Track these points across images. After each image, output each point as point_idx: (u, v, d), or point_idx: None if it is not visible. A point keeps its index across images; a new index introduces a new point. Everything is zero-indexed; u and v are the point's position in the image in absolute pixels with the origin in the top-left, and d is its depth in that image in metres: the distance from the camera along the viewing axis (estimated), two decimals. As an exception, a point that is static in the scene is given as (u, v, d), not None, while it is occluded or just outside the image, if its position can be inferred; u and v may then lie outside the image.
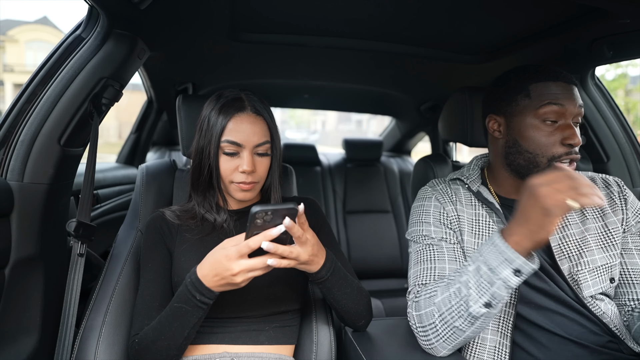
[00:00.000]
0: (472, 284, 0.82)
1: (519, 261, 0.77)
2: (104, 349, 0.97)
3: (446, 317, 0.86)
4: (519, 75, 0.99)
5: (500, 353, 0.93)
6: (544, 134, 0.93)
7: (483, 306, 0.82)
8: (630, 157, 1.49)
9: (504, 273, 0.79)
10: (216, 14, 1.17)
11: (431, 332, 0.89)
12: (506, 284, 0.79)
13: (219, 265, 0.78)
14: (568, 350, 0.91)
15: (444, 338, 0.88)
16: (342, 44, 1.42)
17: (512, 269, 0.78)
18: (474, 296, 0.82)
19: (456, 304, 0.85)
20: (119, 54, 1.08)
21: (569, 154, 0.92)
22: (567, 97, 0.93)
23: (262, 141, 0.96)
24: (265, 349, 0.97)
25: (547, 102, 0.93)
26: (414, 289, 0.97)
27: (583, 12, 1.06)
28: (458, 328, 0.85)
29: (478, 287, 0.82)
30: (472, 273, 0.83)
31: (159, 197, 1.19)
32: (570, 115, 0.93)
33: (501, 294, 0.80)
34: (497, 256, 0.80)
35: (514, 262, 0.78)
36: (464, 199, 1.05)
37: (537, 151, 0.94)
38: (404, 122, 2.88)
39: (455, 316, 0.85)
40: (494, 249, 0.81)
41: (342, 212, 2.68)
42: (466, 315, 0.83)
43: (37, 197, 0.99)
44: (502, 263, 0.79)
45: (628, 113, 11.82)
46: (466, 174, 1.10)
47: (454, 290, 0.86)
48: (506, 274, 0.78)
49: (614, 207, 1.02)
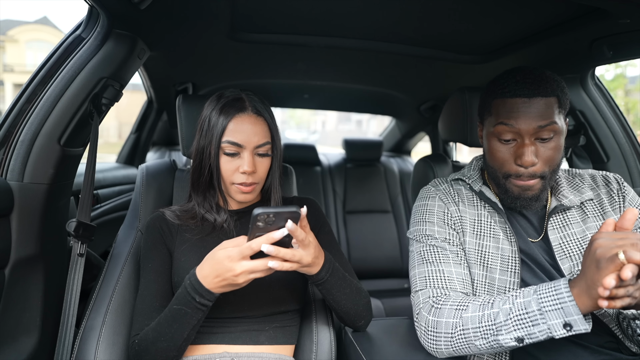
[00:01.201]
0: (514, 315, 0.79)
1: (576, 317, 0.73)
2: (104, 349, 0.97)
3: (469, 334, 0.85)
4: (488, 90, 1.01)
5: (501, 354, 0.93)
6: (498, 150, 0.96)
7: (514, 339, 0.79)
8: (630, 157, 1.49)
9: (553, 321, 0.75)
10: (216, 14, 1.17)
11: (444, 340, 0.88)
12: (550, 331, 0.76)
13: (221, 266, 0.78)
14: (568, 350, 0.91)
15: (455, 348, 0.87)
16: (342, 44, 1.42)
17: (564, 320, 0.74)
18: (509, 327, 0.79)
19: (486, 327, 0.83)
20: (119, 54, 1.08)
21: (519, 176, 0.93)
22: (522, 116, 0.91)
23: (262, 142, 0.96)
24: (265, 349, 0.97)
25: (499, 122, 0.94)
26: (429, 291, 0.95)
27: (583, 12, 1.06)
28: (476, 346, 0.84)
29: (518, 321, 0.79)
30: (519, 306, 0.80)
31: (159, 197, 1.19)
32: (525, 134, 0.91)
33: (539, 336, 0.77)
34: (554, 302, 0.75)
35: (571, 316, 0.73)
36: (467, 199, 1.06)
37: (495, 166, 0.98)
38: (404, 122, 2.88)
39: (479, 336, 0.83)
40: (554, 293, 0.76)
41: (342, 212, 2.68)
42: (491, 339, 0.82)
43: (37, 197, 0.99)
44: (556, 310, 0.75)
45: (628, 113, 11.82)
46: (467, 174, 1.10)
47: (491, 312, 0.83)
48: (555, 323, 0.75)
49: (614, 205, 1.02)
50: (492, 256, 0.97)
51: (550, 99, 0.92)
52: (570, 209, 1.01)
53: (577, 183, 1.05)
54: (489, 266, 0.97)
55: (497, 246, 0.98)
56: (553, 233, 0.98)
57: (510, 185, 0.96)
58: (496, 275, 0.96)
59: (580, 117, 1.48)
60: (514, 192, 0.96)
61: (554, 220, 1.00)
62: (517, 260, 0.95)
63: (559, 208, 1.00)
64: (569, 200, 1.01)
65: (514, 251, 0.96)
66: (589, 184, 1.06)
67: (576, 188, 1.04)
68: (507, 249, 0.97)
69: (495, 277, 0.96)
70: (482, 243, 0.99)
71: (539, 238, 1.00)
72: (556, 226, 0.99)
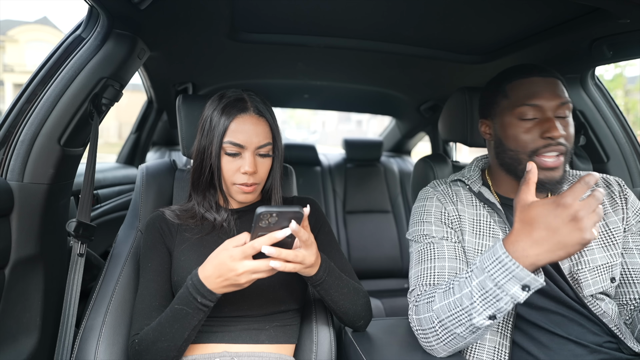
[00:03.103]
0: (477, 298, 0.80)
1: (529, 278, 0.75)
2: (104, 349, 0.97)
3: (446, 324, 0.85)
4: (496, 78, 1.04)
5: (500, 353, 0.93)
6: (522, 130, 0.96)
7: (487, 318, 0.80)
8: (630, 157, 1.49)
9: (512, 290, 0.76)
10: (216, 14, 1.17)
11: (432, 336, 0.89)
12: (514, 299, 0.77)
13: (223, 266, 0.78)
14: (567, 349, 0.91)
15: (444, 342, 0.87)
16: (342, 43, 1.42)
17: (520, 285, 0.76)
18: (478, 309, 0.80)
19: (457, 313, 0.83)
20: (119, 54, 1.08)
21: (548, 146, 0.93)
22: (543, 93, 0.94)
23: (264, 142, 0.96)
24: (265, 348, 0.97)
25: (522, 103, 0.95)
26: (416, 290, 0.97)
27: (583, 12, 1.06)
28: (459, 335, 0.85)
29: (483, 301, 0.79)
30: (477, 287, 0.81)
31: (159, 197, 1.19)
32: (548, 109, 0.94)
33: (507, 307, 0.78)
34: (504, 273, 0.77)
35: (524, 279, 0.75)
36: (465, 199, 1.06)
37: (518, 148, 0.97)
38: (404, 122, 2.88)
39: (456, 324, 0.84)
40: (499, 265, 0.77)
41: (342, 212, 2.68)
42: (468, 325, 0.82)
43: (37, 197, 0.99)
44: (510, 280, 0.76)
45: (628, 113, 11.82)
46: (467, 175, 1.10)
47: (455, 299, 0.84)
48: (514, 291, 0.76)
49: (615, 207, 1.03)
50: None
51: (560, 82, 0.98)
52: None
53: None
54: None
55: None
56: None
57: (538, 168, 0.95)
58: None
59: (580, 117, 1.48)
60: (540, 176, 0.94)
61: None
62: None
63: None
64: None
65: None
66: None
67: None
68: None
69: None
70: (482, 242, 0.99)
71: None
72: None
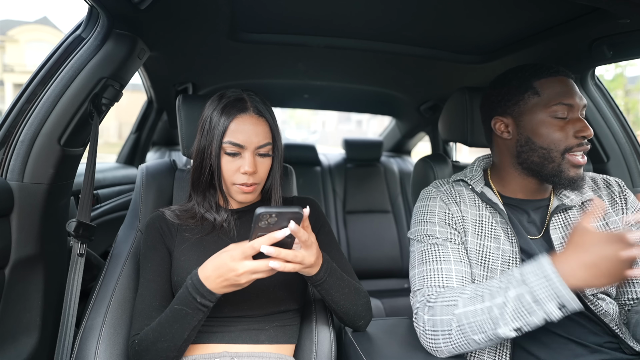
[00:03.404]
0: (509, 309, 0.79)
1: (568, 297, 0.74)
2: (104, 349, 0.97)
3: (466, 329, 0.84)
4: (520, 74, 1.02)
5: (501, 354, 0.93)
6: (556, 129, 0.96)
7: (513, 330, 0.79)
8: (630, 157, 1.49)
9: (549, 307, 0.76)
10: (216, 14, 1.17)
11: (442, 338, 0.87)
12: (547, 316, 0.76)
13: (223, 267, 0.78)
14: (568, 349, 0.91)
15: (455, 345, 0.86)
16: (342, 44, 1.42)
17: (558, 303, 0.75)
18: (507, 320, 0.79)
19: (481, 321, 0.82)
20: (119, 54, 1.08)
21: (580, 146, 0.96)
22: (573, 93, 0.97)
23: (264, 142, 0.96)
24: (265, 348, 0.97)
25: (556, 102, 0.96)
26: (424, 290, 0.95)
27: (583, 12, 1.06)
28: (475, 341, 0.84)
29: (515, 313, 0.79)
30: (513, 298, 0.80)
31: (159, 197, 1.19)
32: (577, 109, 0.97)
33: (536, 322, 0.78)
34: (547, 289, 0.76)
35: (564, 297, 0.75)
36: (468, 199, 1.05)
37: (551, 146, 0.96)
38: (404, 122, 2.88)
39: (477, 331, 0.83)
40: (544, 280, 0.77)
41: (342, 212, 2.68)
42: (490, 333, 0.82)
43: (37, 197, 0.99)
44: (550, 297, 0.75)
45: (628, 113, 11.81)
46: (469, 175, 1.10)
47: (483, 307, 0.83)
48: (551, 308, 0.75)
49: (615, 207, 1.03)
50: (493, 256, 0.97)
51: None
52: (571, 209, 1.01)
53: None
54: (490, 266, 0.97)
55: (498, 247, 0.98)
56: (555, 232, 0.99)
57: (567, 166, 0.96)
58: (497, 276, 0.96)
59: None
60: (570, 174, 0.97)
61: (556, 219, 1.00)
62: (518, 260, 0.95)
63: (560, 207, 1.00)
64: (570, 199, 1.01)
65: (515, 252, 0.96)
66: (589, 185, 1.07)
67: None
68: (508, 250, 0.97)
69: (496, 277, 0.96)
70: (484, 243, 0.99)
71: (539, 235, 1.01)
72: (558, 225, 0.99)
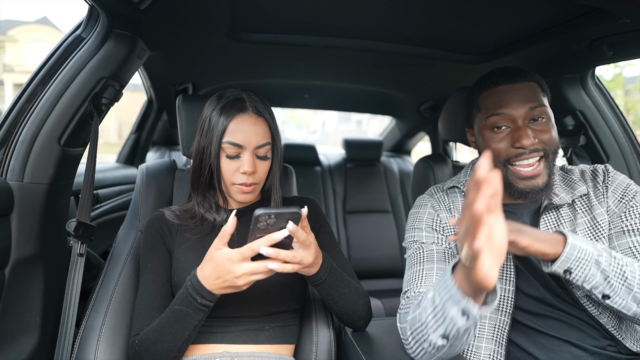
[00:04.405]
0: (429, 313, 0.77)
1: (464, 301, 0.68)
2: (104, 349, 0.97)
3: (416, 336, 0.83)
4: (471, 90, 1.05)
5: (496, 355, 0.93)
6: (495, 140, 0.97)
7: (441, 337, 0.76)
8: (630, 157, 1.49)
9: (452, 312, 0.71)
10: (216, 14, 1.17)
11: (409, 347, 0.87)
12: (454, 323, 0.71)
13: (221, 268, 0.78)
14: (567, 351, 0.91)
15: (419, 355, 0.85)
16: (342, 44, 1.42)
17: (459, 308, 0.69)
18: (432, 325, 0.76)
19: (419, 328, 0.81)
20: (119, 54, 1.08)
21: (519, 156, 0.94)
22: (510, 102, 0.95)
23: (263, 142, 0.96)
24: (265, 348, 0.97)
25: (490, 114, 0.96)
26: (406, 293, 0.96)
27: (583, 12, 1.06)
28: (427, 350, 0.82)
29: (434, 317, 0.76)
30: (429, 301, 0.77)
31: (159, 197, 1.19)
32: (518, 117, 0.95)
33: (452, 330, 0.72)
34: (446, 291, 0.72)
35: (460, 302, 0.69)
36: (461, 207, 1.05)
37: (494, 158, 0.97)
38: (404, 122, 2.88)
39: (422, 339, 0.81)
40: (444, 282, 0.73)
41: (342, 212, 2.68)
42: (429, 342, 0.79)
43: (37, 197, 0.99)
44: (449, 300, 0.71)
45: (628, 113, 11.81)
46: (462, 181, 1.10)
47: (418, 313, 0.82)
48: (454, 314, 0.70)
49: (600, 198, 1.01)
50: None
51: (532, 84, 0.98)
52: (562, 207, 1.00)
53: (571, 179, 1.05)
54: None
55: None
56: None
57: (513, 177, 0.96)
58: None
59: (580, 117, 1.48)
60: (519, 186, 0.95)
61: (546, 218, 0.99)
62: (512, 267, 0.95)
63: (549, 206, 0.99)
64: (559, 198, 1.00)
65: (509, 259, 0.96)
66: (578, 179, 1.05)
67: (570, 185, 1.04)
68: None
69: None
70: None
71: None
72: (549, 225, 0.98)
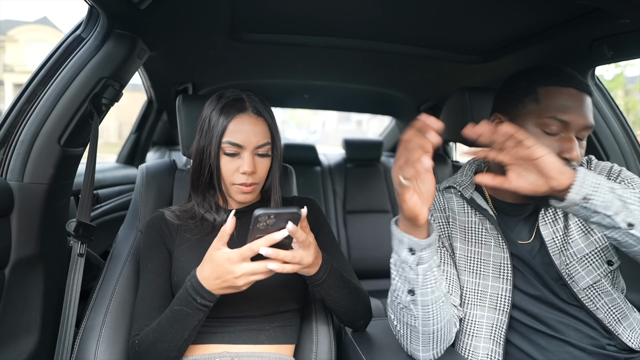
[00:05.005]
0: (395, 275, 0.84)
1: (405, 238, 0.77)
2: (104, 349, 0.97)
3: (398, 315, 0.87)
4: (529, 76, 0.94)
5: (494, 355, 0.93)
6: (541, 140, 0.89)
7: (408, 293, 0.82)
8: (630, 157, 1.49)
9: (402, 254, 0.79)
10: (216, 13, 1.17)
11: (399, 335, 0.90)
12: (407, 264, 0.79)
13: (221, 268, 0.78)
14: (566, 351, 0.91)
15: (406, 338, 0.88)
16: (342, 43, 1.42)
17: (406, 248, 0.78)
18: (400, 287, 0.83)
19: (395, 301, 0.86)
20: (119, 54, 1.08)
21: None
22: (575, 111, 0.88)
23: (262, 142, 0.96)
24: (265, 348, 0.97)
25: (551, 116, 0.88)
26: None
27: (583, 12, 1.06)
28: (409, 324, 0.86)
29: (398, 276, 0.83)
30: (392, 265, 0.84)
31: (159, 197, 1.19)
32: (574, 129, 0.89)
33: (411, 276, 0.80)
34: (395, 240, 0.81)
35: (403, 240, 0.78)
36: (457, 207, 1.04)
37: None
38: (404, 122, 2.88)
39: (400, 313, 0.86)
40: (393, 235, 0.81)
41: (342, 212, 2.68)
42: (402, 307, 0.84)
43: (37, 197, 0.99)
44: (398, 245, 0.80)
45: (628, 113, 11.81)
46: (458, 181, 1.07)
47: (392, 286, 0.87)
48: (404, 255, 0.79)
49: None
50: (484, 263, 0.97)
51: (591, 100, 0.91)
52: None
53: None
54: (481, 273, 0.96)
55: (489, 253, 0.97)
56: (545, 228, 0.97)
57: None
58: (489, 282, 0.96)
59: (580, 117, 1.48)
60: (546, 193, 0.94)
61: (544, 215, 0.99)
62: (510, 267, 0.95)
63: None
64: None
65: (506, 257, 0.95)
66: None
67: None
68: (499, 256, 0.96)
69: (488, 284, 0.96)
70: (474, 250, 0.98)
71: (531, 239, 0.99)
72: (548, 221, 0.98)
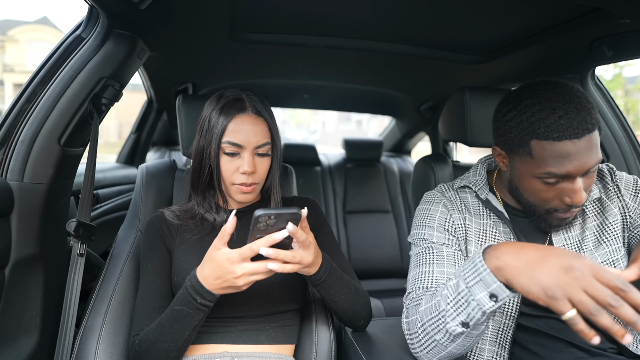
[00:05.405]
0: (451, 300, 0.77)
1: (495, 285, 0.70)
2: (104, 349, 0.97)
3: (427, 328, 0.82)
4: (521, 124, 0.86)
5: (499, 356, 0.93)
6: (542, 189, 0.88)
7: (460, 325, 0.76)
8: (630, 157, 1.49)
9: (479, 295, 0.72)
10: (216, 14, 1.17)
11: (416, 341, 0.86)
12: (480, 307, 0.73)
13: (221, 268, 0.78)
14: (569, 352, 0.91)
15: (427, 349, 0.84)
16: (342, 43, 1.42)
17: (487, 292, 0.72)
18: (452, 313, 0.77)
19: (435, 317, 0.80)
20: (119, 54, 1.08)
21: (568, 209, 0.88)
22: (573, 160, 0.81)
23: (262, 142, 0.96)
24: (265, 348, 0.97)
25: (547, 172, 0.84)
26: (412, 293, 0.94)
27: (583, 12, 1.06)
28: (439, 342, 0.81)
29: (455, 305, 0.76)
30: (452, 288, 0.78)
31: (159, 197, 1.19)
32: (576, 175, 0.84)
33: (476, 315, 0.74)
34: (473, 274, 0.74)
35: (490, 285, 0.71)
36: (473, 208, 1.02)
37: (536, 202, 0.91)
38: (404, 122, 2.88)
39: (435, 329, 0.81)
40: (471, 265, 0.75)
41: (342, 212, 2.68)
42: (444, 331, 0.79)
43: (37, 197, 0.99)
44: (477, 283, 0.73)
45: (628, 113, 11.82)
46: (473, 180, 1.05)
47: (435, 302, 0.82)
48: (481, 297, 0.72)
49: (611, 198, 1.00)
50: None
51: (595, 133, 0.82)
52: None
53: None
54: None
55: None
56: (557, 235, 0.97)
57: (551, 219, 0.92)
58: None
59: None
60: (553, 223, 0.93)
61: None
62: None
63: None
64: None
65: None
66: None
67: None
68: None
69: None
70: None
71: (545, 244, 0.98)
72: (561, 228, 0.97)
